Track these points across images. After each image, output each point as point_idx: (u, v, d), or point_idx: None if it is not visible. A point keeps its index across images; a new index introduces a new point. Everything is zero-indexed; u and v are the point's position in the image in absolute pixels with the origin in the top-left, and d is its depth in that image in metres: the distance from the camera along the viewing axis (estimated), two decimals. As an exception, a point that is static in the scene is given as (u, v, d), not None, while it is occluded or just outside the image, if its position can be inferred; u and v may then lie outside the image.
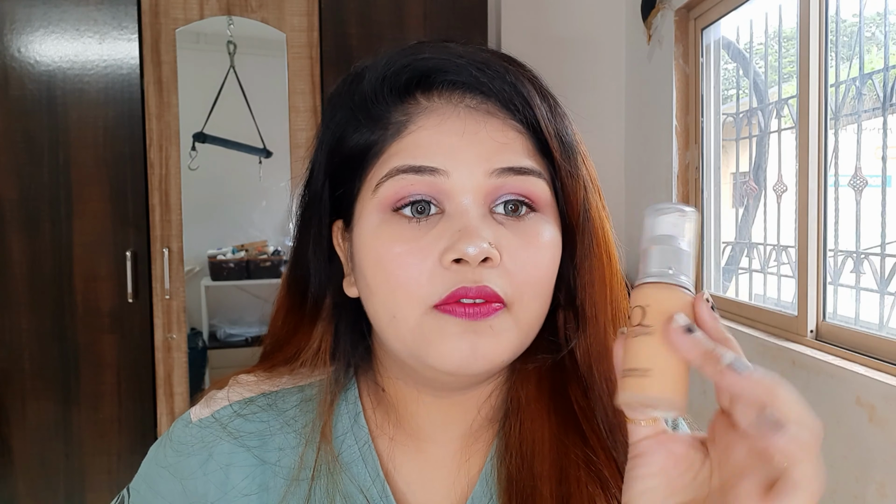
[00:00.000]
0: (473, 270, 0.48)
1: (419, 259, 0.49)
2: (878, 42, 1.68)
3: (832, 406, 1.56)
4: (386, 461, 0.57)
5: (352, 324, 0.58)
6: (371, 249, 0.50)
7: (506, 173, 0.50)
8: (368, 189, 0.52)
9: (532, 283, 0.50)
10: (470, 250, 0.47)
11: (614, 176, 2.88)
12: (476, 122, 0.51)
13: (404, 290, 0.49)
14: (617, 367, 0.42)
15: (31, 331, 2.21)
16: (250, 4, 2.29)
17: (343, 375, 0.58)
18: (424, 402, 0.56)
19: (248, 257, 2.56)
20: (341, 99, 0.55)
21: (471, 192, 0.49)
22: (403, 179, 0.49)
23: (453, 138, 0.50)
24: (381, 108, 0.52)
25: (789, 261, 1.97)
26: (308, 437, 0.55)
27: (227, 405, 0.58)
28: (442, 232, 0.49)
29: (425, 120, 0.51)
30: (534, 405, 0.55)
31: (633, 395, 0.40)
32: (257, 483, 0.55)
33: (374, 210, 0.51)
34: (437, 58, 0.52)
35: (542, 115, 0.52)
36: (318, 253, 0.57)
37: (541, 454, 0.53)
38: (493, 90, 0.52)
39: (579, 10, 2.84)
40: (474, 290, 0.48)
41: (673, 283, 0.41)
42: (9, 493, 2.22)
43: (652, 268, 0.42)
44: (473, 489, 0.56)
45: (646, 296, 0.41)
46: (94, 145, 2.21)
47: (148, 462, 0.59)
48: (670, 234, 0.42)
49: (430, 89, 0.52)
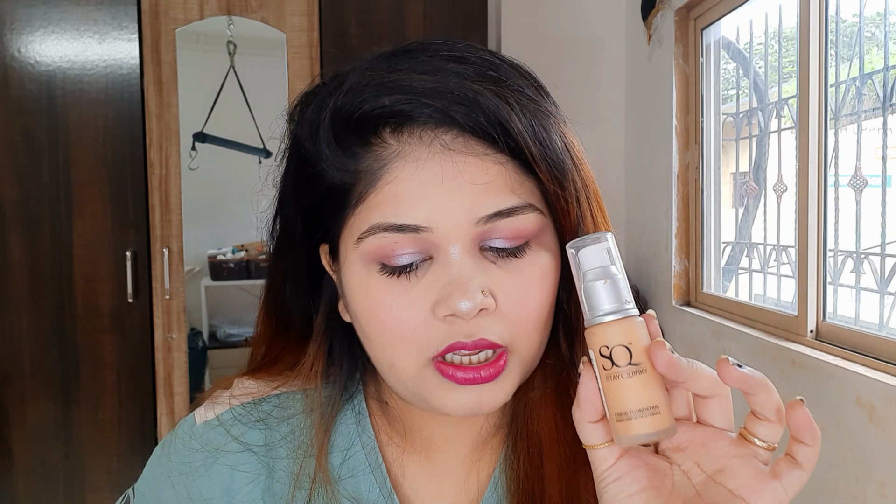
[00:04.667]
0: (468, 324, 0.47)
1: (411, 313, 0.47)
2: (878, 42, 1.68)
3: (832, 406, 1.56)
4: (394, 469, 0.56)
5: (348, 340, 0.57)
6: (362, 299, 0.49)
7: (493, 219, 0.47)
8: (350, 237, 0.49)
9: (530, 321, 0.49)
10: (462, 306, 0.45)
11: (614, 176, 2.88)
12: (454, 165, 0.47)
13: (399, 343, 0.48)
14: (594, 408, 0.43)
15: (31, 331, 2.21)
16: (250, 4, 2.29)
17: (342, 390, 0.57)
18: (431, 416, 0.55)
19: (248, 257, 2.56)
20: (305, 127, 0.51)
21: (458, 242, 0.47)
22: (386, 237, 0.47)
23: (432, 188, 0.46)
24: (350, 152, 0.48)
25: (789, 261, 1.97)
26: (308, 448, 0.55)
27: (231, 408, 0.57)
28: (432, 283, 0.47)
29: (400, 168, 0.47)
30: (539, 408, 0.55)
31: (649, 433, 0.41)
32: (262, 487, 0.55)
33: (358, 260, 0.49)
34: (403, 97, 0.47)
35: (525, 139, 0.47)
36: (298, 280, 0.55)
37: (549, 456, 0.53)
38: (468, 125, 0.47)
39: (579, 10, 2.84)
40: (471, 344, 0.47)
41: (633, 314, 0.43)
42: (9, 493, 2.22)
43: (606, 304, 0.43)
44: (483, 496, 0.56)
45: (622, 334, 0.42)
46: (94, 145, 2.21)
47: (152, 464, 0.59)
48: (603, 264, 0.43)
49: (400, 128, 0.48)
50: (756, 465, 0.41)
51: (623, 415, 0.41)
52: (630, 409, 0.41)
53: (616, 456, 0.44)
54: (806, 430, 0.40)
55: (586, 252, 0.44)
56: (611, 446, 0.44)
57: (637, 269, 2.78)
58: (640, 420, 0.41)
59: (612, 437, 0.43)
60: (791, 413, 0.40)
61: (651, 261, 2.65)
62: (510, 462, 0.55)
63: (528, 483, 0.53)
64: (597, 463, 0.44)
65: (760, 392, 0.41)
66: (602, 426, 0.43)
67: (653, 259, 2.64)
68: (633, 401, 0.41)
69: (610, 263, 0.44)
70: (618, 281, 0.43)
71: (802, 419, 0.40)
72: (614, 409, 0.42)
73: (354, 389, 0.58)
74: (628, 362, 0.41)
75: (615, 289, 0.43)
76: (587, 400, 0.43)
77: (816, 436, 0.40)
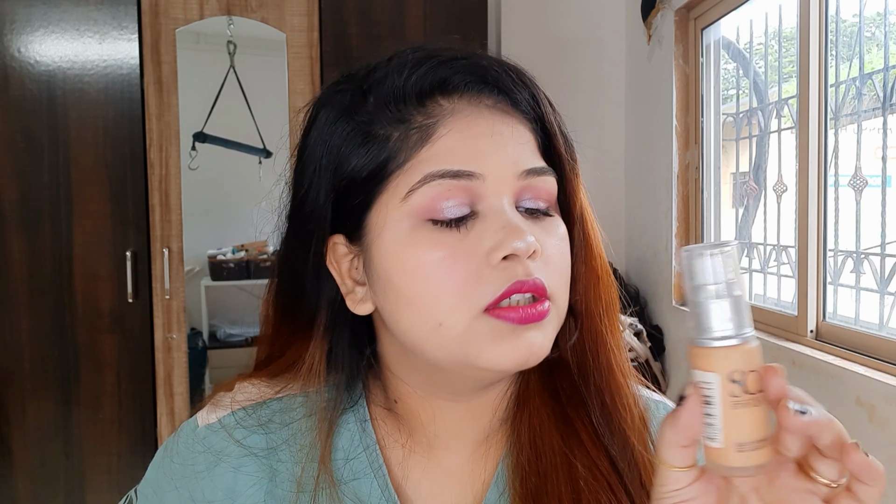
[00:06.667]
0: (523, 264, 0.48)
1: (465, 261, 0.48)
2: (878, 42, 1.68)
3: (832, 406, 1.56)
4: (396, 471, 0.56)
5: (350, 341, 0.56)
6: (406, 258, 0.49)
7: (530, 175, 0.51)
8: (394, 197, 0.50)
9: (564, 276, 0.52)
10: (519, 245, 0.47)
11: (614, 176, 2.87)
12: (500, 122, 0.51)
13: (453, 295, 0.48)
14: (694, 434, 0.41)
15: (31, 331, 2.21)
16: (250, 4, 2.29)
17: (344, 391, 0.57)
18: (441, 409, 0.55)
19: (248, 257, 2.56)
20: (340, 110, 0.53)
21: (506, 193, 0.50)
22: (440, 185, 0.49)
23: (483, 141, 0.50)
24: (402, 113, 0.51)
25: (789, 261, 1.97)
26: (309, 452, 0.55)
27: (233, 412, 0.57)
28: (482, 232, 0.49)
29: (453, 123, 0.50)
30: (538, 400, 0.55)
31: (760, 465, 0.40)
32: (264, 491, 0.55)
33: (404, 217, 0.49)
34: (457, 59, 0.52)
35: (549, 111, 0.53)
36: (315, 272, 0.55)
37: (550, 448, 0.53)
38: (507, 89, 0.52)
39: (579, 10, 2.84)
40: (530, 283, 0.48)
41: (756, 342, 0.41)
42: (9, 493, 2.22)
43: (734, 325, 0.41)
44: (487, 493, 0.56)
45: (755, 360, 0.40)
46: (94, 145, 2.21)
47: (155, 466, 0.58)
48: (730, 279, 0.41)
49: (451, 91, 0.52)
50: (816, 502, 0.40)
51: (744, 445, 0.40)
52: (752, 440, 0.40)
53: (692, 479, 0.42)
54: (865, 473, 0.38)
55: (710, 262, 0.41)
56: (691, 470, 0.42)
57: (637, 269, 2.78)
58: (758, 451, 0.40)
59: (693, 461, 0.42)
60: (847, 459, 0.39)
61: (651, 261, 2.65)
62: (512, 460, 0.55)
63: (529, 474, 0.53)
64: (668, 482, 0.42)
65: (825, 435, 0.39)
66: (689, 450, 0.42)
67: (653, 259, 2.64)
68: (756, 431, 0.40)
69: (735, 277, 0.41)
70: (742, 298, 0.41)
71: (860, 463, 0.38)
72: (736, 439, 0.40)
73: (356, 391, 0.58)
74: (759, 390, 0.40)
75: (742, 308, 0.41)
76: (689, 425, 0.41)
77: (877, 475, 0.38)
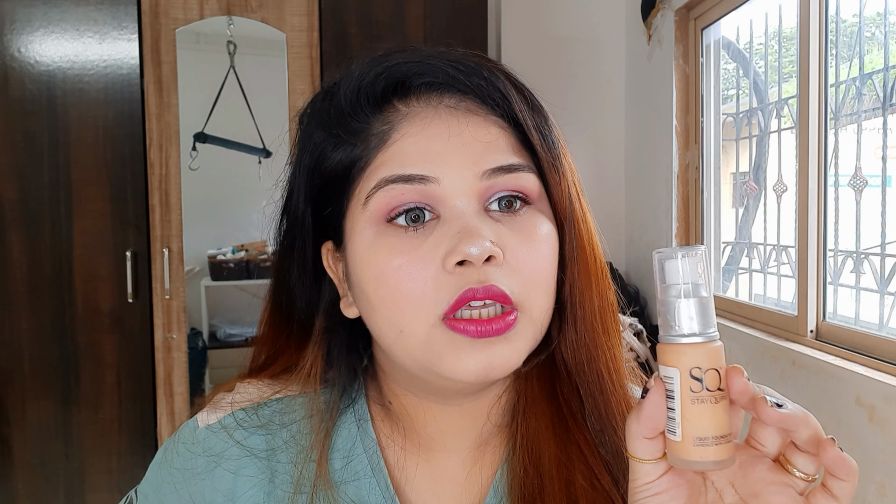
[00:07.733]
0: (478, 271, 0.47)
1: (421, 268, 0.47)
2: (878, 42, 1.68)
3: (832, 406, 1.56)
4: (396, 472, 0.56)
5: (347, 343, 0.57)
6: (369, 264, 0.49)
7: (496, 173, 0.49)
8: (358, 204, 0.50)
9: (537, 279, 0.49)
10: (472, 250, 0.46)
11: (614, 176, 2.87)
12: (459, 122, 0.50)
13: (410, 303, 0.47)
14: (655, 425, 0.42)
15: (31, 331, 2.21)
16: (250, 4, 2.29)
17: (341, 395, 0.57)
18: (433, 412, 0.55)
19: (248, 257, 2.56)
20: (316, 117, 0.54)
21: (464, 195, 0.48)
22: (393, 189, 0.48)
23: (439, 143, 0.49)
24: (360, 119, 0.51)
25: (789, 261, 1.97)
26: (308, 454, 0.55)
27: (233, 413, 0.57)
28: (440, 237, 0.48)
29: (408, 126, 0.50)
30: (535, 403, 0.54)
31: (719, 461, 0.41)
32: (264, 492, 0.55)
33: (367, 224, 0.49)
34: (411, 61, 0.51)
35: (520, 108, 0.51)
36: (304, 277, 0.55)
37: (548, 456, 0.53)
38: (471, 86, 0.51)
39: (579, 10, 2.84)
40: (482, 291, 0.46)
41: (719, 343, 0.42)
42: (9, 493, 2.22)
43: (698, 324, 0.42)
44: (485, 498, 0.56)
45: (715, 358, 0.41)
46: (94, 145, 2.21)
47: (155, 467, 0.58)
48: (696, 280, 0.43)
49: (407, 94, 0.51)
50: (792, 494, 0.41)
51: (704, 440, 0.41)
52: (711, 435, 0.41)
53: (661, 471, 0.43)
54: (840, 468, 0.39)
55: (680, 263, 0.43)
56: (659, 462, 0.43)
57: (637, 269, 2.78)
58: (716, 447, 0.41)
59: (663, 454, 0.43)
60: (823, 453, 0.39)
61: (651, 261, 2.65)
62: (511, 464, 0.54)
63: (527, 479, 0.53)
64: (638, 475, 0.43)
65: (802, 429, 0.40)
66: (655, 443, 0.43)
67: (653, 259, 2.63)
68: (715, 427, 0.41)
69: (703, 280, 0.43)
70: (709, 300, 0.42)
71: (835, 458, 0.39)
72: (694, 433, 0.41)
73: (356, 393, 0.58)
74: (718, 387, 0.41)
75: (708, 309, 0.42)
76: (651, 417, 0.42)
77: (851, 471, 0.39)
